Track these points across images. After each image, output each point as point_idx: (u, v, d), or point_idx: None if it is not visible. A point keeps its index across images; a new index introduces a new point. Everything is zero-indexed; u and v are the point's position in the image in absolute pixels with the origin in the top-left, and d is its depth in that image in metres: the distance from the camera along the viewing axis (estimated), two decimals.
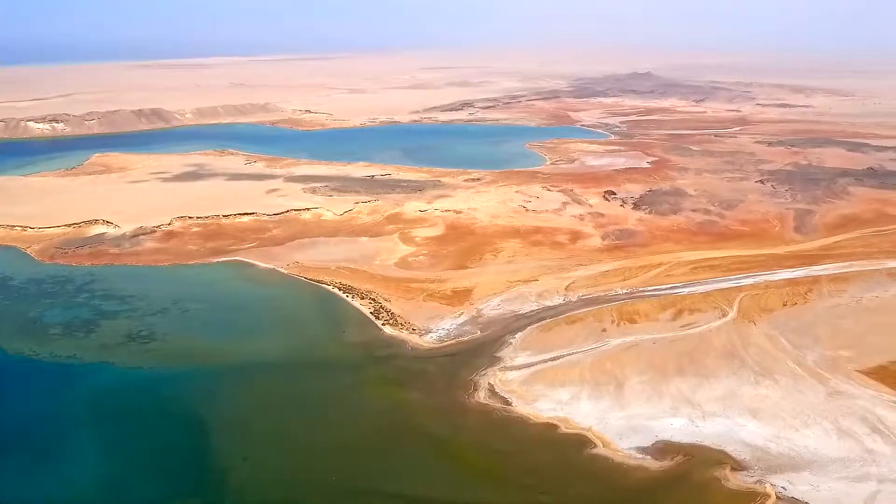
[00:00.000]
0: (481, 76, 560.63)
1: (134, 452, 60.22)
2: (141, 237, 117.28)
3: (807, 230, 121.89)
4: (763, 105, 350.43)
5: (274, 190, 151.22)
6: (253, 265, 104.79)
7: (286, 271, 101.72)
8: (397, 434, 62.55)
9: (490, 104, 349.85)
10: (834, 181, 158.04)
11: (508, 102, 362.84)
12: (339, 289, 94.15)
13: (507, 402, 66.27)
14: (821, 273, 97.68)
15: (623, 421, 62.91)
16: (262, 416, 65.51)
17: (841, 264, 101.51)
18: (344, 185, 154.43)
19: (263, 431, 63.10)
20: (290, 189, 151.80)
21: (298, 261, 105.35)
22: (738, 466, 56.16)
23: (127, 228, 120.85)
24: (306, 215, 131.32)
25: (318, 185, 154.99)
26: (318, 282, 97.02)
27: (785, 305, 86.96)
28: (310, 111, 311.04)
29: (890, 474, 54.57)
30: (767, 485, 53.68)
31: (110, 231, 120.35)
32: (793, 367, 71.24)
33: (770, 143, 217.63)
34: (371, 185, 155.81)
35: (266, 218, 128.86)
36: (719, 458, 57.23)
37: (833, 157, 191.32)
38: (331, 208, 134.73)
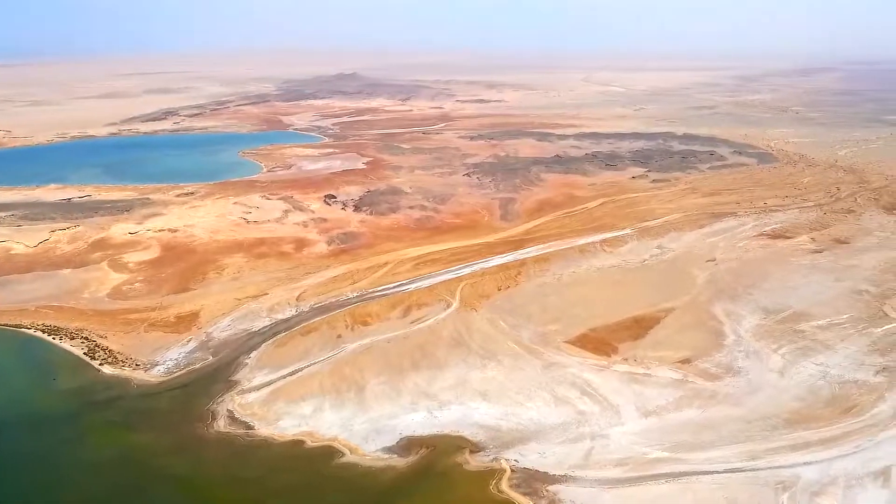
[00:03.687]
0: (183, 82, 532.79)
1: None
2: None
3: (511, 217, 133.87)
4: (462, 101, 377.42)
5: None
6: None
7: None
8: (134, 483, 57.38)
9: (196, 111, 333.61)
10: (528, 170, 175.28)
11: (216, 109, 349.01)
12: (44, 331, 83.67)
13: (250, 426, 64.20)
14: (526, 256, 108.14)
15: (367, 424, 64.16)
16: None
17: (542, 246, 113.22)
18: (35, 212, 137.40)
19: None
20: None
21: None
22: (475, 448, 60.19)
23: None
24: None
25: (2, 214, 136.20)
26: (16, 327, 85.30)
27: (500, 290, 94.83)
28: None
29: (599, 431, 62.25)
30: (502, 460, 58.31)
31: None
32: (512, 347, 78.03)
33: (472, 138, 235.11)
34: (69, 209, 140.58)
35: None
36: (458, 444, 60.84)
37: (526, 148, 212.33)
38: (21, 240, 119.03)
